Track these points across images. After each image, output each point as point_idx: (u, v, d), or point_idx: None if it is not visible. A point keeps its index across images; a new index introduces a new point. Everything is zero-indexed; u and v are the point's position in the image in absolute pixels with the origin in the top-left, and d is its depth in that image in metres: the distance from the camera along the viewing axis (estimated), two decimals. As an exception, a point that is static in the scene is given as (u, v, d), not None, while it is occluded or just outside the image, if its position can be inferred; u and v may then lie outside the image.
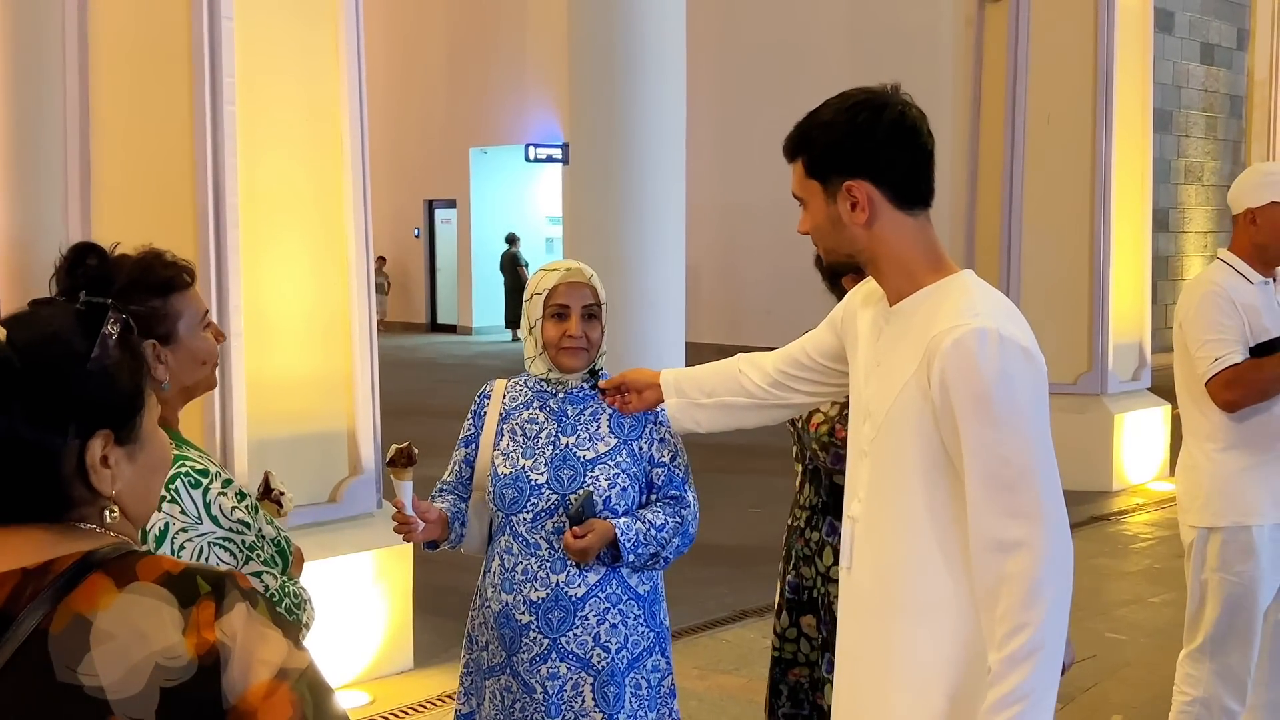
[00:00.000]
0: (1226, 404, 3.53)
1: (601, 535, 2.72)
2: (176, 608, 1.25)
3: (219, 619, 1.25)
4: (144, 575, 1.27)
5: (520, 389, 2.94)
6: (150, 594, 1.25)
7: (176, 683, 1.22)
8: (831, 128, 2.07)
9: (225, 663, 1.24)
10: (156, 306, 2.10)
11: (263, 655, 1.26)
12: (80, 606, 1.24)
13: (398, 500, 2.71)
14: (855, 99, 2.08)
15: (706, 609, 5.93)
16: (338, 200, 5.05)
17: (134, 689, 1.22)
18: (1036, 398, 1.99)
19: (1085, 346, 8.77)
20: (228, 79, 4.59)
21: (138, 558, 1.30)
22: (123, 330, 1.36)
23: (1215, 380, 3.52)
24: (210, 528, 2.08)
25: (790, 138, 2.14)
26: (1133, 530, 7.83)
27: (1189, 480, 3.68)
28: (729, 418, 2.55)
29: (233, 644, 1.24)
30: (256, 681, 1.24)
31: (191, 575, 1.28)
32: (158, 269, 2.14)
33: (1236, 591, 3.56)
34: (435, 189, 22.61)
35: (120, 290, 1.97)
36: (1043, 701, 1.92)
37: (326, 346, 5.06)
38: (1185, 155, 17.11)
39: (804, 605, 3.02)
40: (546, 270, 2.90)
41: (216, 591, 1.27)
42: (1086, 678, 5.00)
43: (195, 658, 1.23)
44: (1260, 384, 3.49)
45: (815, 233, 2.15)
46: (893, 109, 2.05)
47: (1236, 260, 3.63)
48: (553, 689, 2.75)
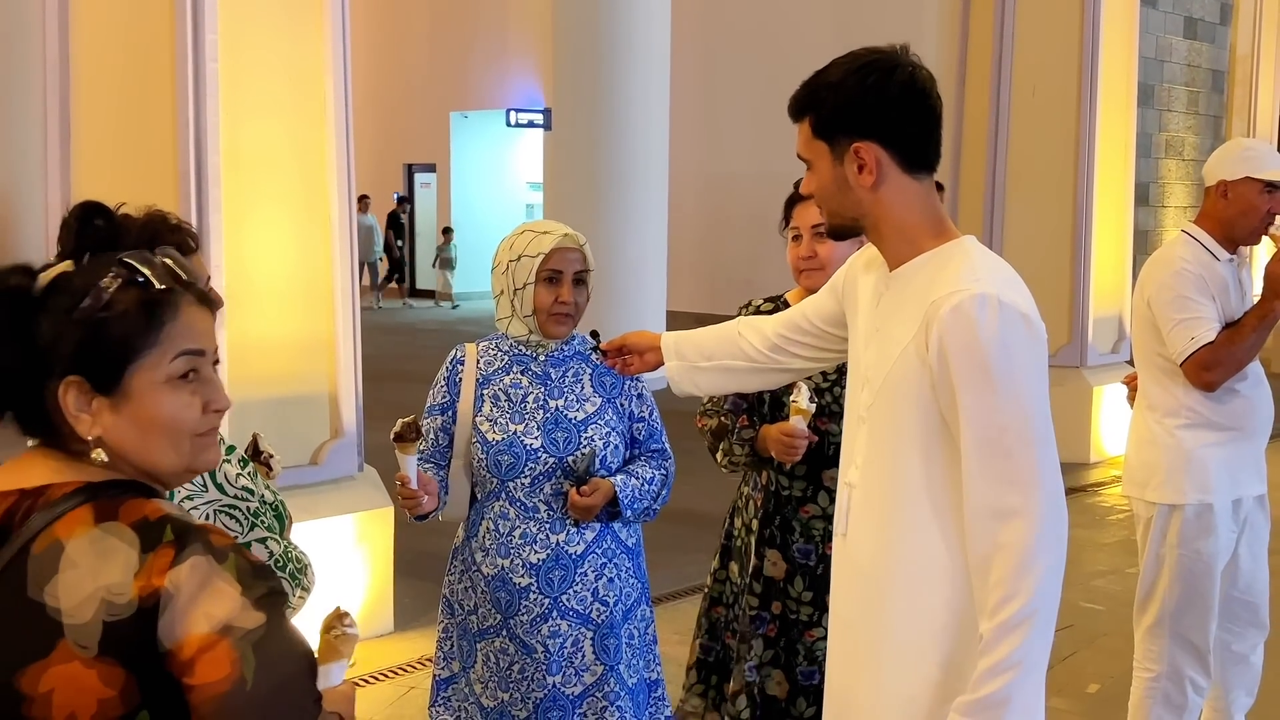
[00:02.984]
0: (1206, 385, 3.50)
1: (605, 493, 2.76)
2: (137, 551, 1.32)
3: (172, 567, 1.31)
4: (124, 516, 1.35)
5: (495, 353, 2.90)
6: (118, 534, 1.33)
7: (117, 619, 1.30)
8: (841, 88, 2.03)
9: (164, 608, 1.30)
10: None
11: (207, 608, 1.30)
12: (60, 532, 1.34)
13: (402, 475, 2.65)
14: (865, 59, 2.03)
15: (687, 575, 5.94)
16: (320, 163, 5.01)
17: (83, 618, 1.30)
18: (1036, 365, 1.97)
19: (1066, 319, 8.81)
20: (210, 35, 4.54)
21: (128, 499, 1.37)
22: (126, 288, 1.42)
23: (1192, 361, 3.48)
24: (215, 495, 2.08)
25: (796, 97, 2.09)
26: (1110, 501, 7.89)
27: (1145, 455, 3.65)
28: (728, 380, 2.53)
29: (176, 592, 1.30)
30: (195, 632, 1.30)
31: (163, 524, 1.35)
32: (165, 233, 2.11)
33: (1196, 567, 3.56)
34: (415, 153, 22.46)
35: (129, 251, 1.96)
36: (1034, 671, 1.90)
37: (309, 309, 5.03)
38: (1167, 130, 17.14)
39: (731, 552, 3.15)
40: (536, 232, 2.83)
41: (179, 541, 1.33)
42: (1064, 647, 5.04)
43: (137, 598, 1.30)
44: (1236, 357, 3.47)
45: (820, 194, 2.12)
46: (903, 70, 2.01)
47: (1203, 235, 3.59)
48: (554, 647, 2.78)
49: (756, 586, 3.02)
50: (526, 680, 2.79)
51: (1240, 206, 3.55)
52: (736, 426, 3.01)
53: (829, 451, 2.92)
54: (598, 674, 2.82)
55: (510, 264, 2.82)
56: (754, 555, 3.04)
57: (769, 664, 3.01)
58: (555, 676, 2.78)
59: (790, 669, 2.99)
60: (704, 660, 3.18)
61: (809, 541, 2.98)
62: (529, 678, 2.79)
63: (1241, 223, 3.56)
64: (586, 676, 2.81)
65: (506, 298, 2.83)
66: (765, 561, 3.02)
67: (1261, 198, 3.53)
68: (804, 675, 2.98)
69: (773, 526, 3.01)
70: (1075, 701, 4.67)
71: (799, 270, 2.98)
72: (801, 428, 2.81)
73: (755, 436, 2.97)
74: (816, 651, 2.94)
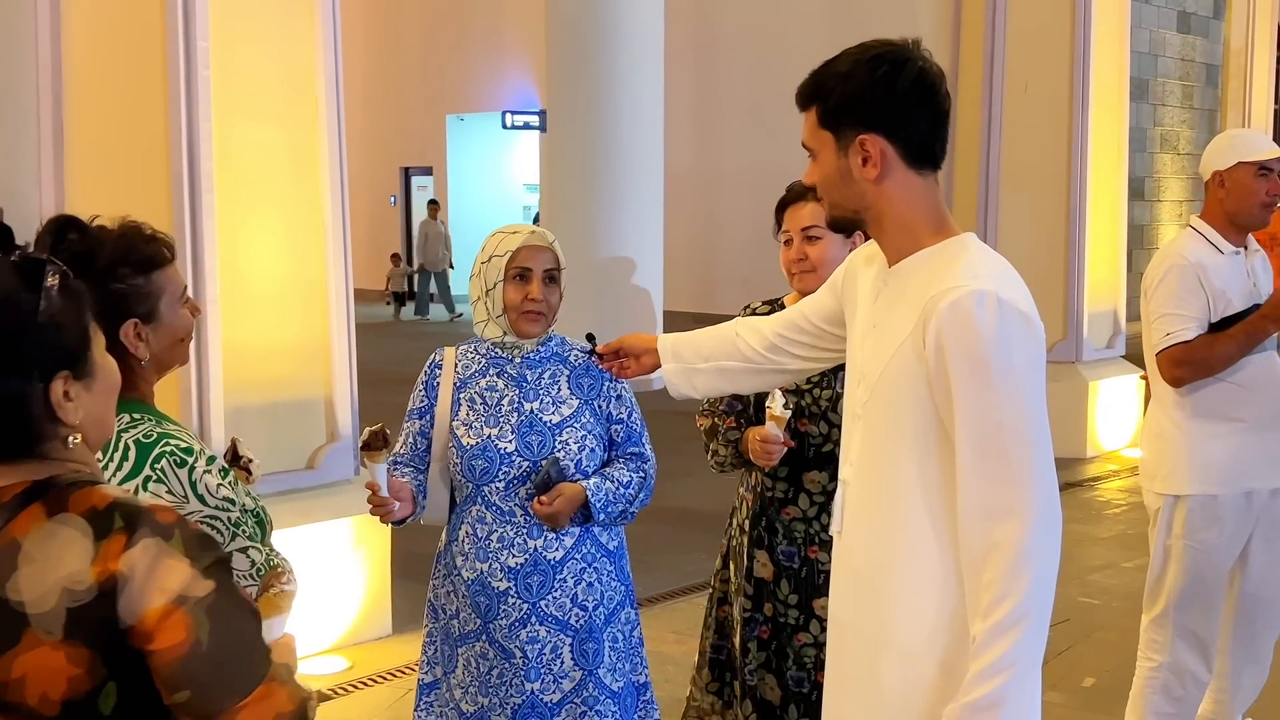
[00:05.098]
0: (1173, 379, 3.54)
1: (571, 499, 2.73)
2: (91, 540, 1.43)
3: (125, 551, 1.43)
4: (73, 507, 1.45)
5: (472, 356, 2.90)
6: (71, 525, 1.44)
7: (79, 604, 1.41)
8: (850, 79, 2.00)
9: (122, 589, 1.42)
10: (139, 285, 2.07)
11: (162, 583, 1.43)
12: (16, 531, 1.44)
13: (372, 483, 2.65)
14: (876, 51, 2.00)
15: (685, 574, 5.96)
16: (313, 167, 5.02)
17: (46, 607, 1.41)
18: (1033, 363, 1.94)
19: (1060, 314, 8.81)
20: (201, 43, 4.55)
21: (75, 489, 1.47)
22: (62, 278, 1.51)
23: (1165, 355, 3.52)
24: (197, 506, 2.05)
25: (805, 86, 2.06)
26: (1106, 496, 7.90)
27: (1156, 447, 3.68)
28: (725, 382, 2.50)
29: (131, 573, 1.42)
30: (152, 606, 1.42)
31: (112, 511, 1.45)
32: (140, 245, 2.11)
33: (1201, 559, 3.57)
34: (411, 156, 22.44)
35: (103, 268, 1.99)
36: (1027, 673, 1.88)
37: (303, 314, 5.04)
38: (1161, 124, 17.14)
39: (730, 552, 3.15)
40: (506, 232, 2.85)
41: (129, 526, 1.44)
42: (1060, 642, 5.05)
43: (96, 583, 1.41)
44: (1209, 362, 3.49)
45: (823, 184, 2.08)
46: (914, 65, 1.99)
47: (1208, 229, 3.61)
48: (532, 653, 2.77)
49: (748, 588, 3.02)
50: (505, 685, 2.79)
51: (1238, 194, 3.57)
52: (723, 427, 3.02)
53: (809, 454, 2.93)
54: (577, 680, 2.80)
55: (482, 266, 2.83)
56: (745, 556, 3.04)
57: (762, 667, 3.00)
58: (534, 683, 2.77)
59: (781, 674, 2.98)
60: (716, 659, 3.17)
61: (791, 544, 2.98)
62: (508, 683, 2.78)
63: (1243, 209, 3.58)
64: (565, 683, 2.80)
65: (481, 301, 2.84)
66: (755, 563, 3.02)
67: (1257, 181, 3.55)
68: (794, 682, 2.97)
69: (760, 528, 3.02)
70: (1071, 695, 4.68)
71: (791, 273, 2.99)
72: (776, 433, 2.81)
73: (740, 438, 2.98)
74: (804, 658, 2.94)
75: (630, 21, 11.19)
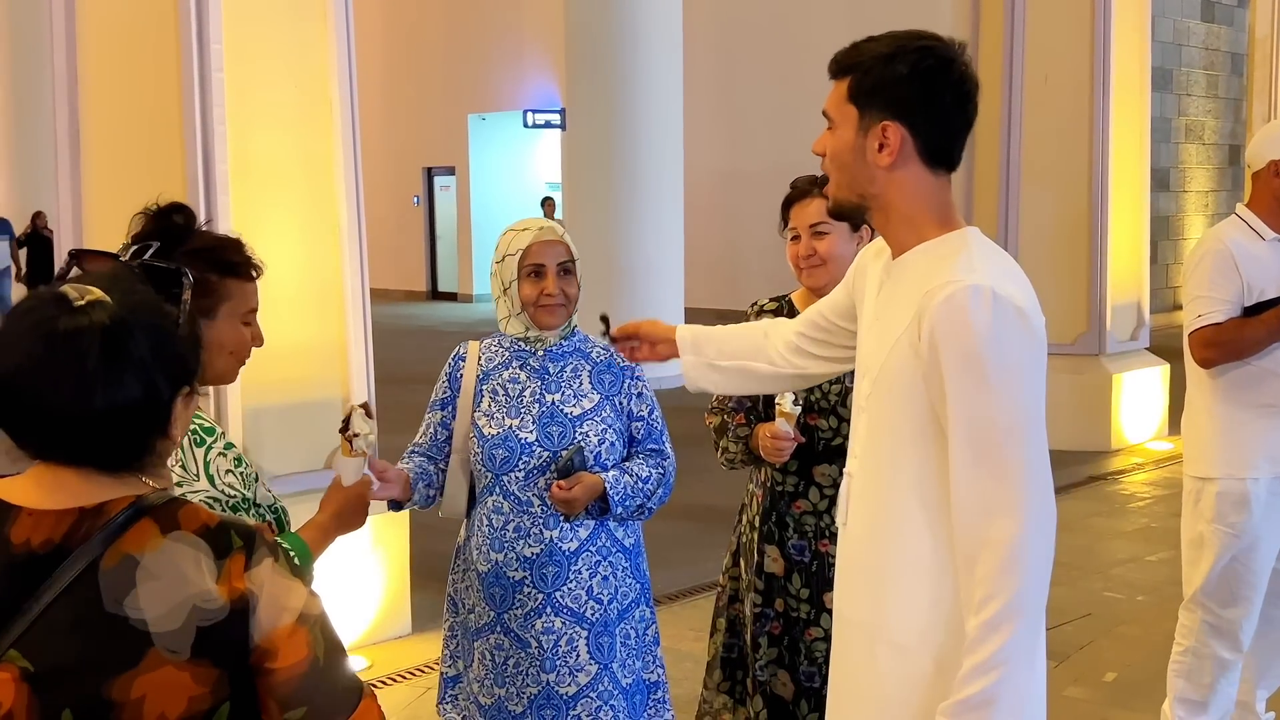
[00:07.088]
0: (1203, 360, 3.59)
1: (589, 488, 2.75)
2: (212, 558, 1.41)
3: (248, 570, 1.42)
4: (185, 524, 1.43)
5: (496, 349, 2.93)
6: (190, 543, 1.42)
7: (211, 623, 1.39)
8: (891, 63, 1.96)
9: (253, 608, 1.41)
10: (211, 280, 2.07)
11: (287, 603, 1.44)
12: (130, 547, 1.40)
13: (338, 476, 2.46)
14: (924, 42, 1.98)
15: (705, 571, 5.92)
16: (329, 168, 5.03)
17: (174, 625, 1.38)
18: (1030, 360, 1.92)
19: (1084, 307, 8.75)
20: (215, 45, 4.57)
21: (179, 506, 1.46)
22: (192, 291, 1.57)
23: (1195, 336, 3.57)
24: (205, 486, 2.08)
25: (843, 55, 2.02)
26: (1130, 489, 7.84)
27: (1190, 430, 3.73)
28: (746, 382, 2.48)
29: (259, 592, 1.42)
30: (281, 624, 1.43)
31: (226, 529, 1.45)
32: (230, 250, 2.14)
33: (1231, 544, 3.58)
34: (434, 156, 22.51)
35: (187, 251, 1.98)
36: (1018, 671, 1.86)
37: (320, 315, 5.05)
38: (1186, 114, 17.01)
39: (740, 548, 3.16)
40: (516, 230, 2.88)
41: (247, 546, 1.44)
42: (1082, 636, 5.01)
43: (228, 602, 1.40)
44: (1238, 345, 3.52)
45: (833, 157, 2.04)
46: (958, 68, 1.97)
47: (1251, 216, 3.63)
48: (548, 643, 2.79)
49: (759, 584, 3.03)
50: (521, 675, 2.81)
51: None
52: (733, 424, 3.02)
53: (819, 448, 2.94)
54: (592, 674, 2.82)
55: (497, 265, 2.87)
56: (756, 552, 3.04)
57: (774, 663, 3.00)
58: (550, 674, 2.79)
59: (794, 669, 2.99)
60: (728, 658, 3.17)
61: (802, 538, 2.99)
62: (524, 672, 2.80)
63: None
64: (581, 676, 2.81)
65: (501, 299, 2.88)
66: (765, 558, 3.02)
67: None
68: (805, 677, 2.97)
69: (770, 523, 3.02)
70: (1093, 690, 4.65)
71: (800, 268, 2.99)
72: (786, 430, 2.82)
73: (750, 435, 2.98)
74: (816, 652, 2.94)
75: (648, 19, 11.19)
